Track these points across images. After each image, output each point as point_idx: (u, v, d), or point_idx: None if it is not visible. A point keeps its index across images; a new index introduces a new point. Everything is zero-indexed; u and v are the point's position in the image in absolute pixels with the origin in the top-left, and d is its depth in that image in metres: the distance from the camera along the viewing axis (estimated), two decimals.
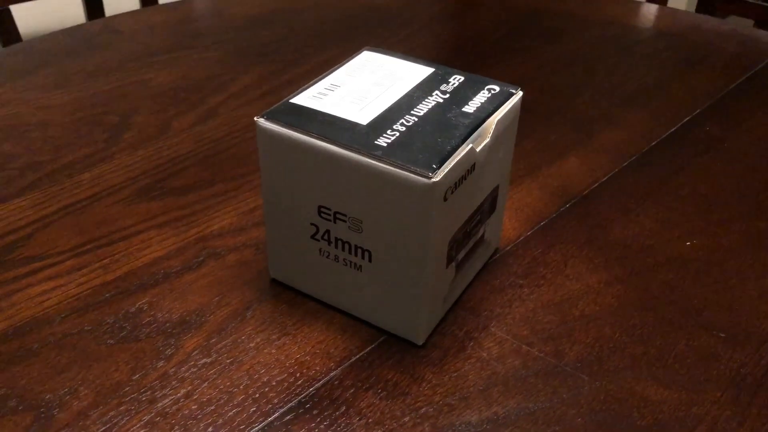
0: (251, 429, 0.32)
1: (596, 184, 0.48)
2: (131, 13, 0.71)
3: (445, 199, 0.31)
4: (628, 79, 0.61)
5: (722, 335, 0.37)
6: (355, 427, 0.32)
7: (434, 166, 0.30)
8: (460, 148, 0.32)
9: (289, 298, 0.38)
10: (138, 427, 0.32)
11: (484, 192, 0.36)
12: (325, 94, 0.35)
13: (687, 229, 0.44)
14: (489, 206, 0.37)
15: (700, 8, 0.91)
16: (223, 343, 0.36)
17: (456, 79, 0.37)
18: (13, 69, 0.60)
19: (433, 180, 0.30)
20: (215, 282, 0.39)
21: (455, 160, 0.31)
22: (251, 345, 0.36)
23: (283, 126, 0.33)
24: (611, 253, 0.42)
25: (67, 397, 0.33)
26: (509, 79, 0.60)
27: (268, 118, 0.33)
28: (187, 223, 0.43)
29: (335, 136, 0.32)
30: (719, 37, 0.68)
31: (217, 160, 0.49)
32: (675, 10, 0.74)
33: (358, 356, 0.35)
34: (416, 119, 0.33)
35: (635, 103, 0.57)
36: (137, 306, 0.38)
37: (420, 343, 0.36)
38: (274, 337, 0.36)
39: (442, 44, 0.66)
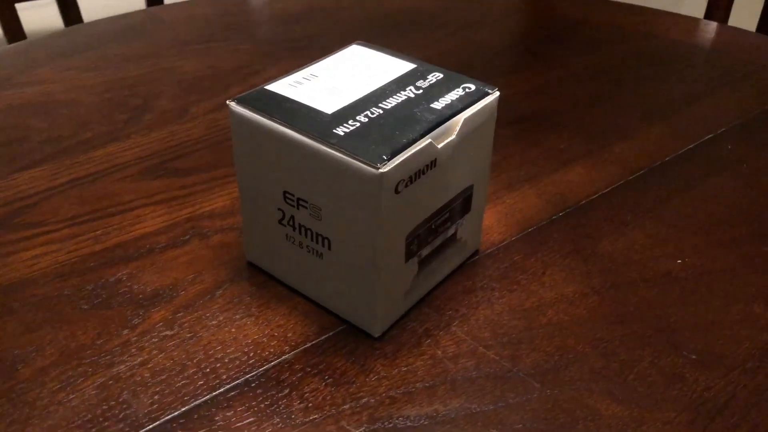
0: (195, 401, 0.33)
1: (596, 195, 0.46)
2: (178, 5, 0.74)
3: (398, 192, 0.31)
4: (656, 93, 0.59)
5: (693, 357, 0.35)
6: (293, 409, 0.32)
7: (384, 157, 0.31)
8: (418, 143, 0.32)
9: (260, 282, 0.39)
10: (90, 388, 0.33)
11: (452, 190, 0.36)
12: (301, 83, 0.36)
13: (680, 247, 0.42)
14: (461, 206, 0.37)
15: (761, 27, 0.87)
16: (188, 318, 0.37)
17: (434, 77, 0.37)
18: (59, 50, 0.64)
19: (381, 171, 0.30)
20: (195, 260, 0.41)
21: (409, 153, 0.31)
22: (213, 322, 0.37)
23: (250, 110, 0.34)
24: (594, 265, 0.41)
25: (33, 354, 0.35)
26: (529, 86, 0.59)
27: (239, 102, 0.34)
28: (182, 203, 0.45)
29: (296, 123, 0.33)
30: (766, 58, 0.65)
31: (224, 147, 0.51)
32: (725, 27, 0.71)
33: (313, 342, 0.36)
34: (381, 112, 0.33)
35: (657, 118, 0.55)
36: (117, 276, 0.39)
37: (376, 335, 0.36)
38: (237, 317, 0.37)
39: (469, 49, 0.65)
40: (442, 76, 0.37)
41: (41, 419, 0.32)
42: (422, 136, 0.32)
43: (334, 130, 0.32)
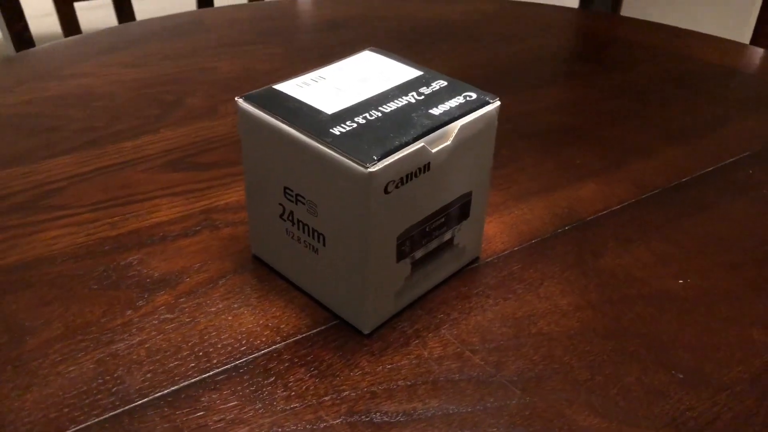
0: (185, 381, 0.34)
1: (605, 212, 0.46)
2: (223, 9, 0.77)
3: (387, 192, 0.32)
4: (682, 114, 0.58)
5: (680, 376, 0.35)
6: (276, 396, 0.33)
7: (375, 157, 0.32)
8: (411, 146, 0.33)
9: (262, 275, 0.40)
10: (89, 362, 0.35)
11: (448, 195, 0.36)
12: (308, 84, 0.37)
13: (684, 268, 0.42)
14: (458, 212, 0.38)
15: None
16: (189, 303, 0.38)
17: (438, 84, 0.38)
18: (104, 47, 0.67)
19: (370, 170, 0.31)
20: (203, 250, 0.42)
21: (400, 155, 0.32)
22: (212, 309, 0.38)
23: (255, 107, 0.35)
24: (593, 280, 0.41)
25: (41, 327, 0.37)
26: (553, 101, 0.59)
27: (246, 99, 0.36)
28: (199, 196, 0.47)
29: (296, 121, 0.34)
30: None
31: None
32: (762, 51, 0.70)
33: (304, 335, 0.37)
34: (379, 115, 0.35)
35: (679, 139, 0.55)
36: (128, 261, 0.41)
37: (366, 332, 0.37)
38: (235, 306, 0.38)
39: (497, 62, 0.66)
40: (446, 84, 0.38)
41: (40, 387, 0.34)
42: (416, 139, 0.33)
43: (331, 130, 0.33)
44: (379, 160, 0.32)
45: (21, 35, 0.86)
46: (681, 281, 0.41)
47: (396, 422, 0.32)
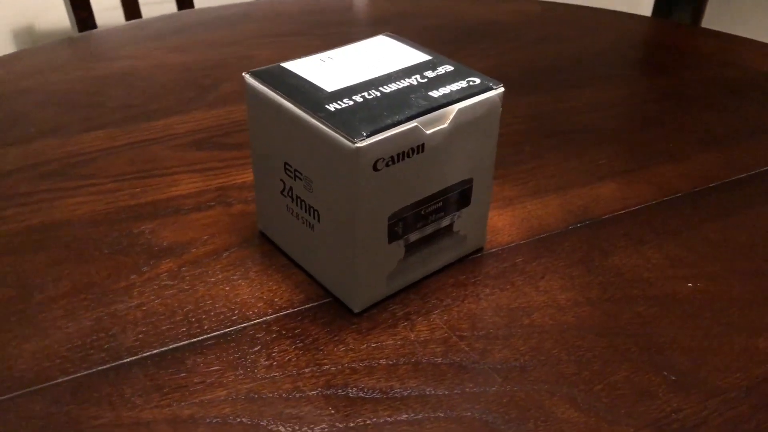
0: (173, 344, 0.35)
1: (622, 211, 0.45)
2: (270, 2, 0.78)
3: (377, 169, 0.33)
4: (720, 121, 0.56)
5: (672, 378, 0.34)
6: (258, 365, 0.34)
7: (364, 133, 0.32)
8: (403, 125, 0.33)
9: (266, 250, 0.41)
10: (88, 320, 0.36)
11: (446, 180, 0.36)
12: (315, 63, 0.38)
13: (696, 272, 0.40)
14: (458, 198, 0.38)
15: None
16: (191, 272, 0.40)
17: (444, 69, 0.38)
18: (154, 32, 0.70)
19: (358, 145, 0.31)
20: (213, 224, 0.43)
21: (390, 133, 0.32)
22: (212, 279, 0.39)
23: (260, 82, 0.36)
24: (597, 277, 0.40)
25: (50, 284, 0.39)
26: (585, 102, 0.58)
27: (252, 75, 0.37)
28: (218, 174, 0.48)
29: (294, 96, 0.34)
30: None
31: None
32: None
33: (296, 309, 0.37)
34: (378, 94, 0.35)
35: (714, 145, 0.53)
36: (141, 229, 0.43)
37: (356, 310, 0.37)
38: (234, 277, 0.39)
39: (536, 62, 0.65)
40: (452, 69, 0.38)
41: (39, 339, 0.35)
42: (410, 119, 0.33)
43: (327, 106, 0.34)
44: (368, 136, 0.32)
45: (86, 22, 0.90)
46: (690, 285, 0.40)
47: (371, 398, 0.32)
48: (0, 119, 0.54)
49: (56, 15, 1.39)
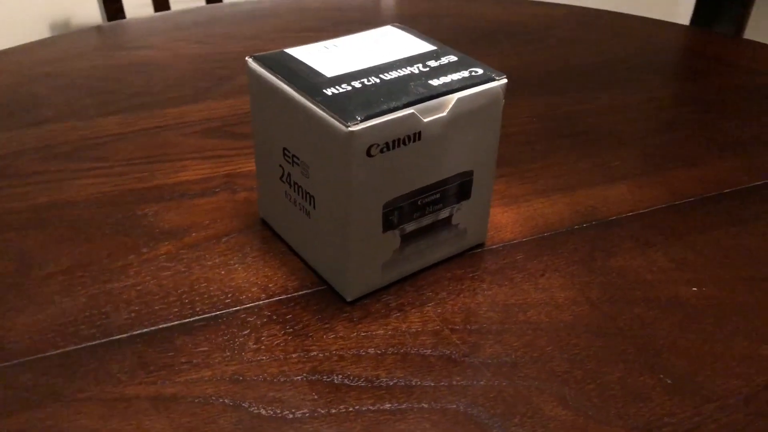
0: (164, 324, 0.35)
1: (630, 213, 0.44)
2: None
3: (371, 155, 0.32)
4: (742, 128, 0.55)
5: (668, 381, 0.33)
6: (246, 348, 0.34)
7: (358, 117, 0.32)
8: (399, 111, 0.32)
9: (266, 237, 0.41)
10: (83, 296, 0.37)
11: (444, 171, 0.36)
12: (319, 50, 0.38)
13: (702, 276, 0.39)
14: (457, 190, 0.37)
15: None
16: (189, 255, 0.40)
17: (448, 59, 0.37)
18: (178, 24, 0.71)
19: (351, 129, 0.31)
20: (216, 209, 0.43)
21: (386, 119, 0.32)
22: (209, 263, 0.39)
23: (260, 66, 0.36)
24: (598, 277, 0.39)
25: (50, 261, 0.39)
26: (604, 105, 0.57)
27: (254, 59, 0.37)
28: (226, 161, 0.48)
29: (292, 80, 0.34)
30: None
31: None
32: None
33: (289, 296, 0.37)
34: (377, 81, 0.35)
35: (732, 151, 0.51)
36: (144, 212, 0.43)
37: (349, 299, 0.37)
38: (231, 262, 0.39)
39: (556, 63, 0.64)
40: (456, 59, 0.37)
41: (33, 312, 0.36)
42: (407, 106, 0.33)
43: (324, 90, 0.34)
44: (362, 120, 0.32)
45: (116, 17, 0.91)
46: (695, 289, 0.38)
47: (355, 386, 0.32)
48: (20, 102, 0.55)
49: (92, 10, 1.42)
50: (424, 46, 0.38)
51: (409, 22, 0.73)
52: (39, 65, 0.61)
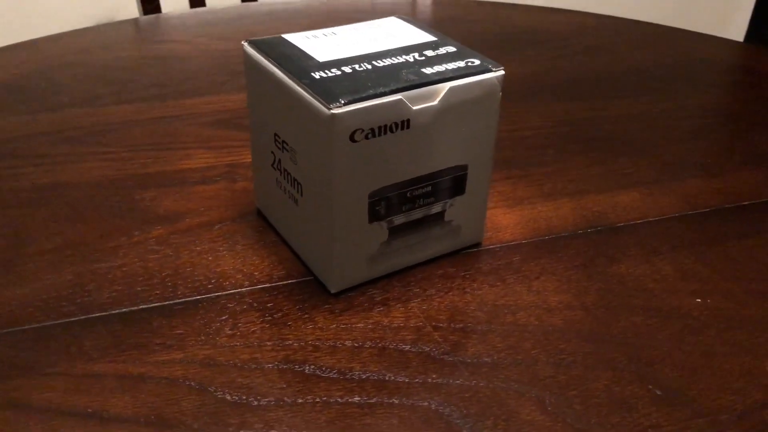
0: (144, 305, 0.35)
1: (639, 221, 0.42)
2: (326, 2, 0.79)
3: (354, 140, 0.32)
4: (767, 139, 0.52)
5: (657, 392, 0.31)
6: (222, 333, 0.33)
7: (342, 100, 0.31)
8: (386, 96, 0.32)
9: (258, 226, 0.41)
10: (69, 274, 0.37)
11: (436, 163, 0.35)
12: (316, 37, 0.37)
13: (709, 288, 0.37)
14: (450, 184, 0.36)
15: None
16: (179, 240, 0.39)
17: (446, 49, 0.36)
18: (208, 21, 0.71)
19: (333, 112, 0.30)
20: (213, 197, 0.43)
21: (371, 103, 0.31)
22: (198, 249, 0.39)
23: (254, 50, 0.36)
24: (597, 283, 0.37)
25: (43, 238, 0.39)
26: (622, 112, 0.55)
27: (250, 44, 0.36)
28: (230, 151, 0.48)
29: (282, 63, 0.34)
30: None
31: None
32: None
33: (273, 284, 0.36)
34: (369, 67, 0.34)
35: (754, 163, 0.49)
36: (142, 196, 0.43)
37: (332, 290, 0.36)
38: (220, 249, 0.39)
39: (578, 70, 0.63)
40: (454, 50, 0.36)
41: (19, 286, 0.36)
42: (395, 92, 0.32)
43: (312, 74, 0.33)
44: (346, 104, 0.31)
45: (152, 14, 0.93)
46: (699, 300, 0.36)
47: (326, 377, 0.31)
48: (39, 89, 0.56)
49: (134, 11, 1.46)
50: (423, 37, 0.38)
51: (438, 26, 0.72)
52: (64, 55, 0.63)
